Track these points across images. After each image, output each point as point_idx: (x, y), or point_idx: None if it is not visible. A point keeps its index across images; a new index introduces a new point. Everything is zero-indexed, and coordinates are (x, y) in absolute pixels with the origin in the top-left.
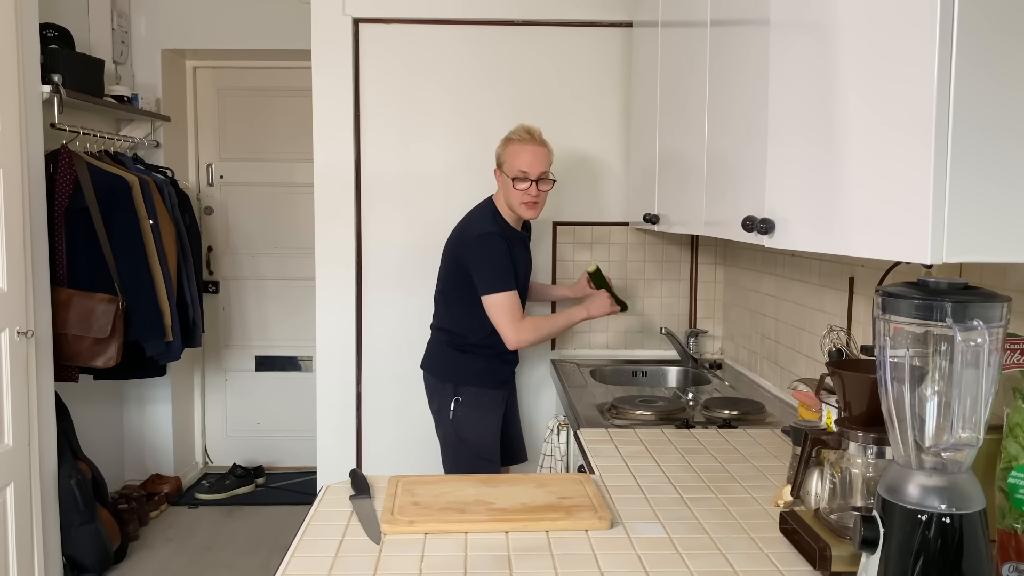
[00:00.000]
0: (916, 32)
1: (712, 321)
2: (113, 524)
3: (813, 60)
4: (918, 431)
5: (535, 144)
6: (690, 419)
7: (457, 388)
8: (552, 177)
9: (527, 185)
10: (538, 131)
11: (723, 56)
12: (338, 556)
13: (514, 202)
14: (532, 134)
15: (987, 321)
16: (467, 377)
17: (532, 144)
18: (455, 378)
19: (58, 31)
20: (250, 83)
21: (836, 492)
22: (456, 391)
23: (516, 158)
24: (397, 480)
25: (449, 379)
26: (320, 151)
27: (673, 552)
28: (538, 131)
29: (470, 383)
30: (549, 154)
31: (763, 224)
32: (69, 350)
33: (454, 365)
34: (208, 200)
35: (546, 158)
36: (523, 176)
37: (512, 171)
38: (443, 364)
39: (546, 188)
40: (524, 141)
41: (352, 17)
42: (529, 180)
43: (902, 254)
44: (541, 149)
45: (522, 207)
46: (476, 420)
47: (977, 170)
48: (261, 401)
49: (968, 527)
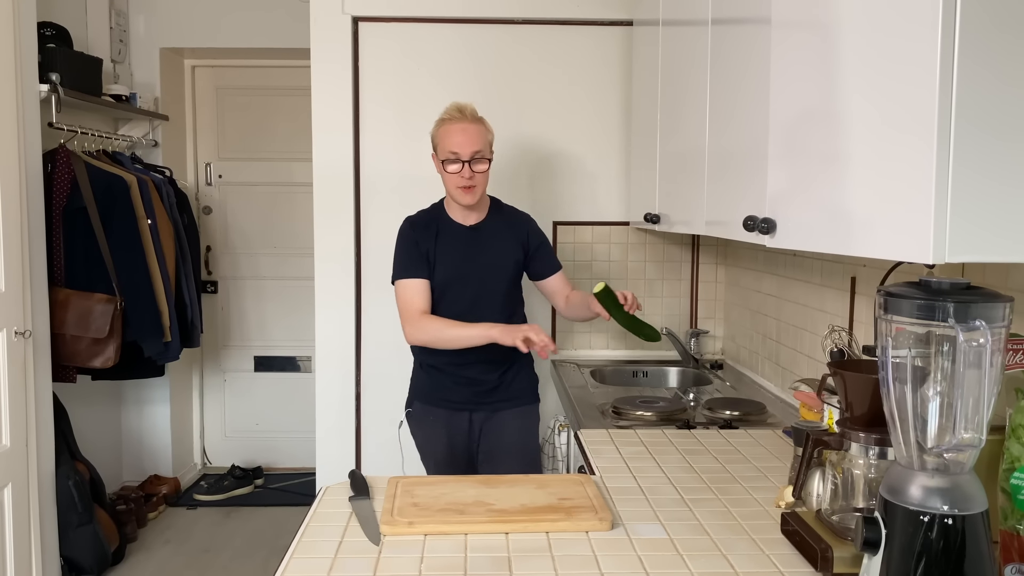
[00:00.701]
0: (918, 30)
1: (713, 321)
2: (111, 525)
3: (815, 59)
4: (920, 432)
5: (466, 121)
6: (691, 420)
7: (411, 400)
8: (489, 156)
9: (459, 167)
10: (471, 107)
11: (724, 55)
12: (337, 557)
13: (449, 187)
14: (463, 111)
15: (989, 321)
16: (415, 390)
17: (463, 122)
18: (411, 389)
19: (56, 30)
20: (249, 82)
21: (838, 493)
22: (410, 403)
23: (446, 138)
24: (396, 481)
25: (409, 389)
26: (319, 150)
27: (674, 553)
28: (471, 107)
29: (416, 397)
30: (485, 132)
31: (764, 224)
32: (67, 350)
33: (413, 376)
34: (206, 200)
35: (480, 136)
36: (454, 157)
37: (443, 153)
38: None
39: (481, 169)
40: (454, 120)
41: (351, 16)
42: (461, 161)
43: (904, 254)
44: (474, 127)
45: (457, 192)
46: (419, 438)
47: (980, 169)
48: (260, 402)
49: (970, 528)
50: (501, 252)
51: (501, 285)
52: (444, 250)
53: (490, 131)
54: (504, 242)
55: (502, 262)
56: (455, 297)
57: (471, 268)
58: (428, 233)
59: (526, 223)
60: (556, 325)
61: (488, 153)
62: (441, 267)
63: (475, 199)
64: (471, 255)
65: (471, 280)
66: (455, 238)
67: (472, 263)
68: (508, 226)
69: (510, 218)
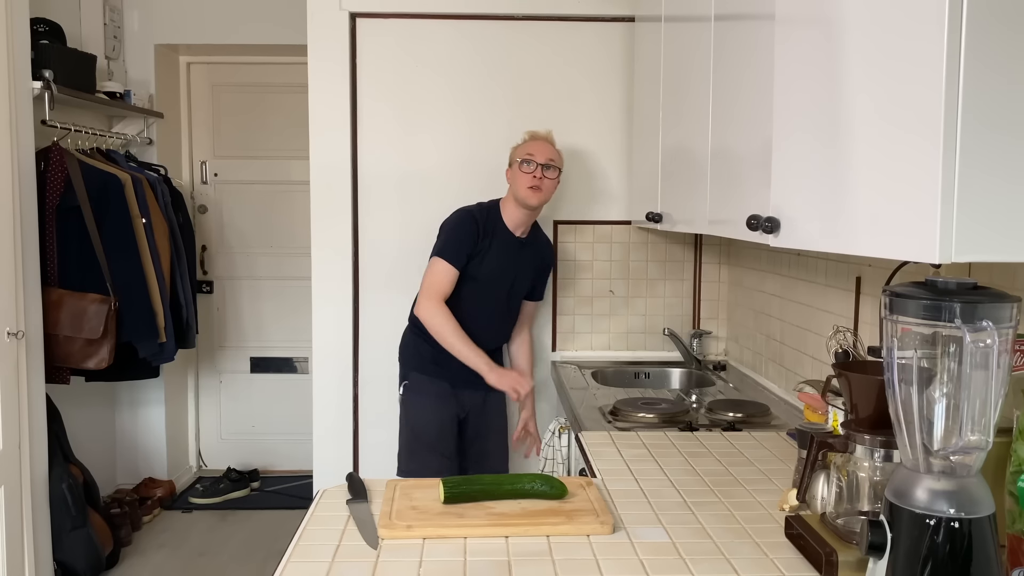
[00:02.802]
0: (924, 28)
1: (716, 322)
2: (105, 529)
3: (819, 56)
4: (926, 434)
5: (546, 141)
6: (694, 422)
7: (407, 372)
8: (559, 169)
9: (533, 167)
10: (550, 133)
11: (727, 52)
12: (335, 561)
13: (520, 187)
14: (545, 134)
15: (997, 322)
16: (417, 363)
17: (544, 142)
18: (407, 361)
19: (49, 26)
20: (245, 79)
21: (843, 496)
22: (406, 375)
23: (525, 147)
24: (395, 484)
25: (404, 362)
26: (316, 148)
27: (676, 557)
28: (550, 133)
29: (418, 369)
30: (559, 153)
31: (768, 223)
32: (60, 351)
33: (409, 347)
34: (202, 198)
35: (555, 152)
36: (529, 159)
37: (520, 155)
38: (403, 346)
39: (551, 176)
40: (536, 138)
41: (349, 11)
42: (535, 163)
43: (910, 253)
44: (551, 147)
45: (527, 191)
46: (419, 406)
47: (987, 167)
48: (256, 403)
49: (977, 532)
50: (528, 269)
51: (519, 295)
52: (497, 252)
53: (561, 156)
54: (534, 260)
55: (528, 276)
56: (485, 294)
57: (509, 274)
58: (487, 233)
59: (549, 249)
60: (557, 326)
61: (559, 165)
62: (488, 267)
63: (540, 201)
64: (512, 265)
65: (504, 283)
66: (506, 244)
67: (510, 272)
68: (538, 249)
69: (542, 242)
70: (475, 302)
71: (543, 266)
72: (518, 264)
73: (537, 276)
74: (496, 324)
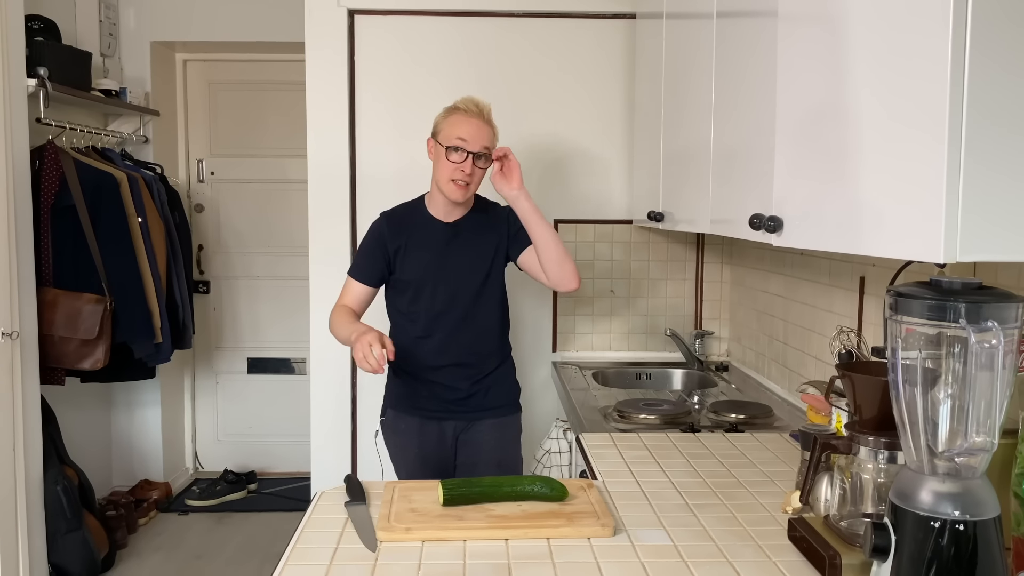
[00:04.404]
0: (928, 24)
1: (718, 322)
2: (101, 531)
3: (822, 53)
4: (931, 435)
5: (481, 120)
6: (696, 423)
7: (383, 409)
8: (492, 159)
9: (463, 157)
10: (488, 107)
11: (730, 49)
12: (333, 564)
13: (442, 177)
14: (481, 108)
15: (1002, 322)
16: (388, 397)
17: (478, 118)
18: (384, 396)
19: (44, 23)
20: (242, 76)
21: (846, 498)
22: (382, 411)
23: (456, 126)
24: (393, 486)
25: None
26: (314, 146)
27: (678, 560)
28: (488, 107)
29: (389, 405)
30: (493, 136)
31: (771, 222)
32: (55, 352)
33: (387, 381)
34: (198, 197)
35: (490, 136)
36: (460, 145)
37: (448, 139)
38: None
39: (483, 166)
40: (470, 113)
41: (347, 8)
42: (466, 152)
43: (914, 253)
44: (487, 127)
45: (449, 185)
46: (392, 447)
47: (992, 165)
48: (253, 404)
49: (982, 535)
50: (479, 251)
51: (478, 283)
52: (417, 247)
53: (497, 137)
54: (483, 239)
55: (479, 261)
56: (430, 298)
57: (445, 267)
58: (401, 229)
59: (505, 213)
60: (558, 326)
61: (491, 155)
62: (413, 265)
63: (465, 197)
64: (445, 253)
65: (446, 280)
66: (430, 235)
67: (446, 262)
68: (489, 223)
69: (492, 214)
70: (434, 301)
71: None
72: (458, 249)
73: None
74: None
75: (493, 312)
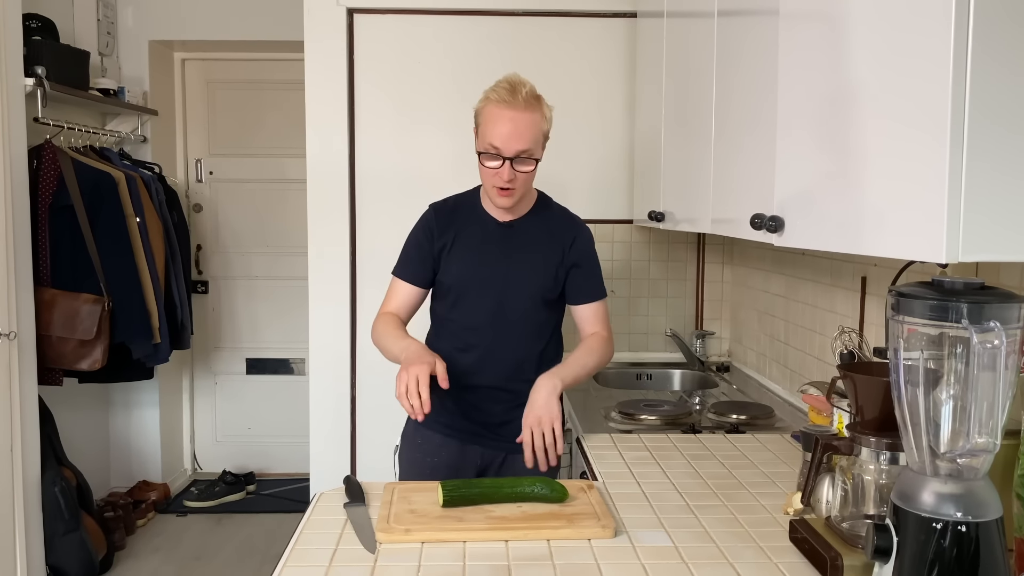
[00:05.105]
0: (930, 24)
1: (719, 322)
2: (99, 532)
3: (824, 52)
4: (933, 436)
5: (518, 108)
6: (697, 424)
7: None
8: (538, 155)
9: (498, 164)
10: (529, 87)
11: (731, 48)
12: (332, 566)
13: (484, 183)
14: (516, 92)
15: (1004, 322)
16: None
17: (514, 108)
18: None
19: (42, 22)
20: (240, 76)
21: (848, 499)
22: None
23: (489, 125)
24: (393, 487)
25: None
26: (313, 146)
27: (679, 562)
28: (529, 87)
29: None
30: (540, 122)
31: (772, 222)
32: (53, 352)
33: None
34: (197, 197)
35: (532, 129)
36: (493, 152)
37: (482, 143)
38: None
39: (526, 169)
40: (504, 103)
41: (346, 7)
42: (502, 158)
43: (916, 253)
44: (527, 116)
45: (492, 191)
46: (405, 462)
47: (995, 165)
48: (252, 405)
49: (984, 536)
50: (535, 258)
51: (527, 299)
52: (465, 245)
53: (546, 119)
54: (541, 247)
55: (533, 270)
56: (473, 305)
57: (494, 272)
58: (450, 223)
59: (574, 230)
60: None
61: (538, 151)
62: (458, 265)
63: (513, 202)
64: (496, 256)
65: (493, 286)
66: (482, 233)
67: (496, 266)
68: (551, 230)
69: (558, 221)
70: (477, 309)
71: (567, 253)
72: (511, 253)
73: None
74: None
75: (545, 334)
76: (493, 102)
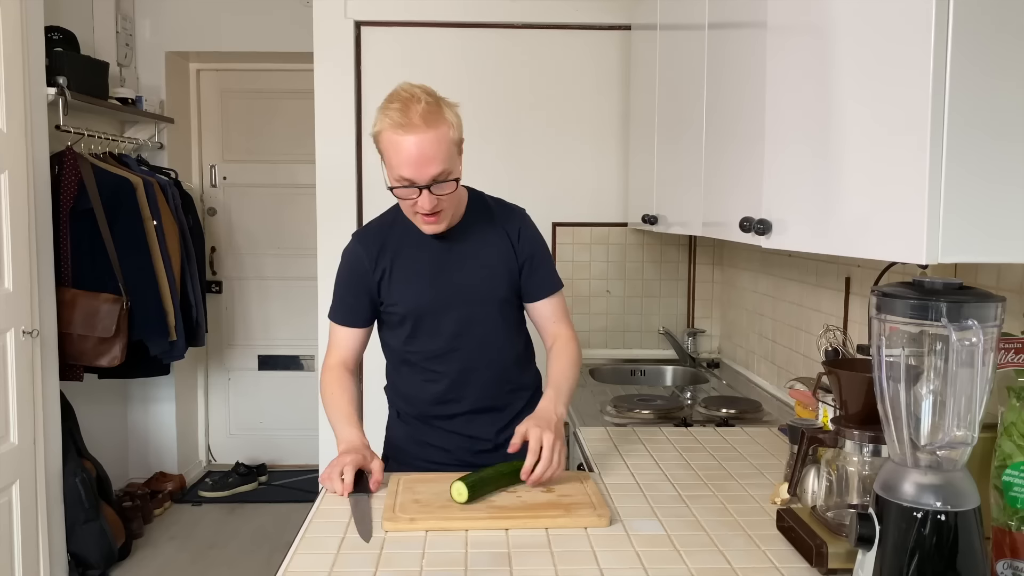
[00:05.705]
0: (911, 34)
1: (710, 321)
2: (117, 522)
3: (810, 63)
4: (913, 430)
5: (417, 131)
6: (688, 418)
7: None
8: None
9: (415, 194)
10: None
11: (721, 59)
12: (340, 553)
13: (407, 214)
14: (410, 113)
15: (982, 321)
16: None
17: (413, 132)
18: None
19: (63, 34)
20: (253, 85)
21: (832, 490)
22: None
23: (393, 156)
24: (399, 478)
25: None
26: (322, 152)
27: (671, 549)
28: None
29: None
30: (447, 134)
31: (760, 225)
32: (74, 349)
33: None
34: (211, 201)
35: (439, 147)
36: (407, 184)
37: (392, 176)
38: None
39: (446, 191)
40: (400, 128)
41: (354, 20)
42: (418, 187)
43: (898, 254)
44: (428, 135)
45: (418, 221)
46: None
47: (973, 169)
48: (264, 400)
49: (963, 525)
50: (489, 260)
51: (494, 306)
52: (407, 269)
53: (453, 126)
54: (491, 247)
55: (492, 273)
56: (432, 332)
57: (448, 288)
58: (383, 249)
59: (518, 220)
60: None
61: (455, 168)
62: (403, 293)
63: (444, 226)
64: (442, 272)
65: (451, 305)
66: (418, 252)
67: (448, 283)
68: (495, 226)
69: (498, 215)
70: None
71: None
72: (458, 264)
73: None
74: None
75: (516, 337)
76: (389, 128)
